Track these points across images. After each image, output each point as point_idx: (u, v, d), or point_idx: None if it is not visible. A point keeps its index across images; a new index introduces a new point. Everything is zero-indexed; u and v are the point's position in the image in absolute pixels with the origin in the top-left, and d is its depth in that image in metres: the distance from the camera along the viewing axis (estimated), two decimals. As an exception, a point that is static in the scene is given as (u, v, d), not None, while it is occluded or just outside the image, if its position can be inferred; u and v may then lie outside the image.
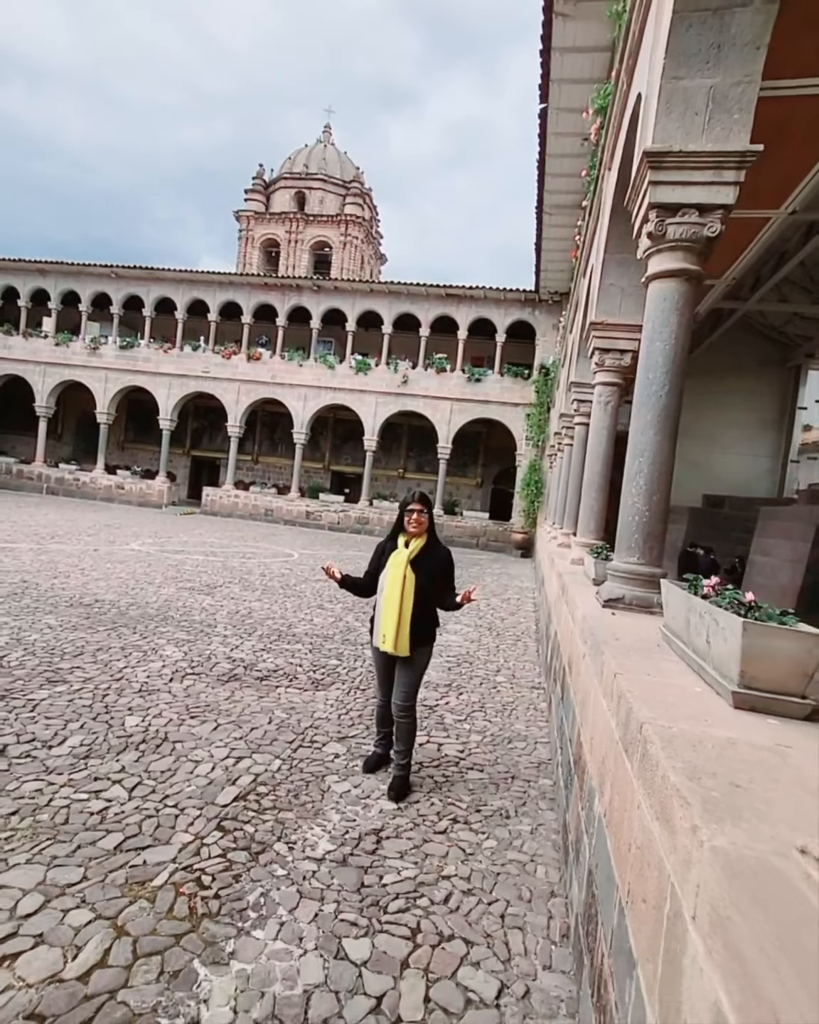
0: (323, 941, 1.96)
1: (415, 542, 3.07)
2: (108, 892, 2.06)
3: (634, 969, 1.22)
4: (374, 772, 3.19)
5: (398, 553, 3.05)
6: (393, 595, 2.97)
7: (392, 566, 3.03)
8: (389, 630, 2.97)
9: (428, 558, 3.07)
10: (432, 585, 3.04)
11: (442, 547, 3.18)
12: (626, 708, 1.64)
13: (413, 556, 3.02)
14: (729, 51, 2.76)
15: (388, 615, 2.98)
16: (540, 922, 2.17)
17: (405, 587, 2.96)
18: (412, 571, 2.99)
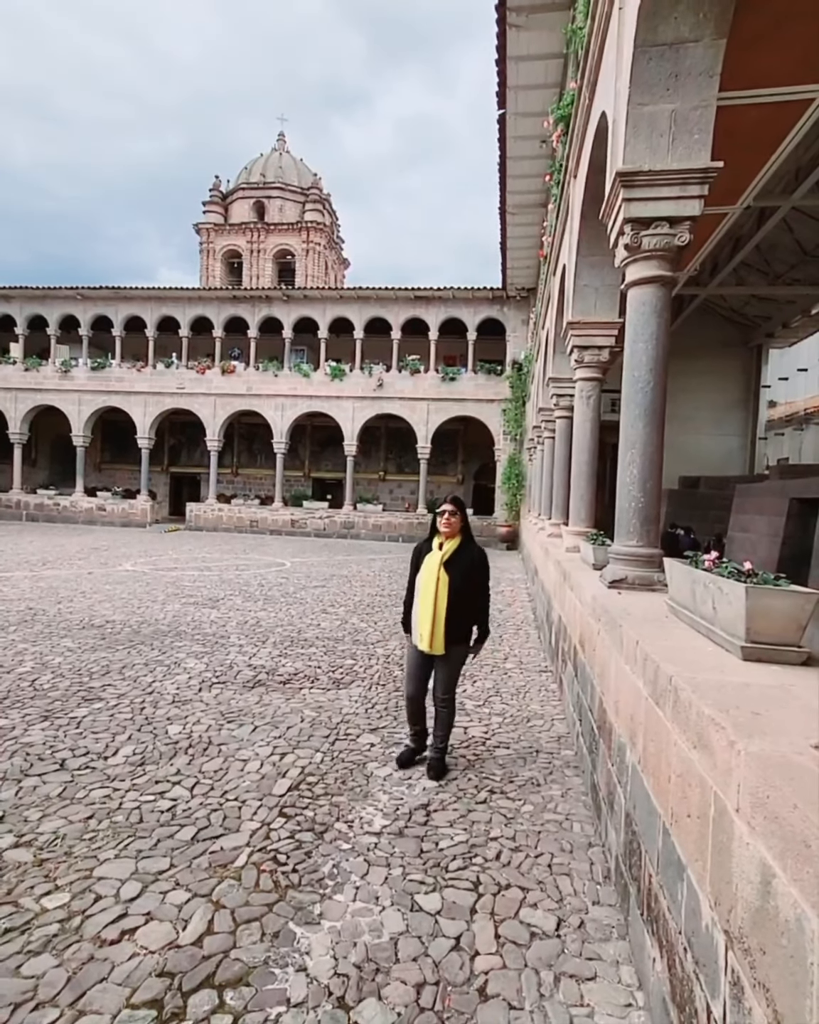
0: (397, 898, 2.20)
1: (449, 543, 3.19)
2: (197, 875, 2.27)
3: (684, 872, 1.48)
4: (408, 767, 3.30)
5: (432, 555, 3.18)
6: (427, 595, 3.09)
7: (427, 568, 3.16)
8: (425, 629, 3.10)
9: (462, 559, 3.18)
10: (468, 586, 3.16)
11: (476, 547, 3.28)
12: (653, 667, 1.92)
13: (447, 557, 3.14)
14: (686, 80, 3.07)
15: (424, 615, 3.10)
16: (583, 868, 2.44)
17: (439, 588, 3.08)
18: (445, 572, 3.10)
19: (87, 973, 1.77)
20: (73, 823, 2.58)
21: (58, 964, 1.80)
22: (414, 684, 3.29)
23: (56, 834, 2.49)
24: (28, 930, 1.94)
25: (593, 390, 5.79)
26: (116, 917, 2.02)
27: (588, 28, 4.44)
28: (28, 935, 1.92)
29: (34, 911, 2.03)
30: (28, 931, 1.93)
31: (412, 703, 3.33)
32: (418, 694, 3.30)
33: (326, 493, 22.06)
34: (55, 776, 3.00)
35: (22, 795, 2.79)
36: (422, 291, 18.55)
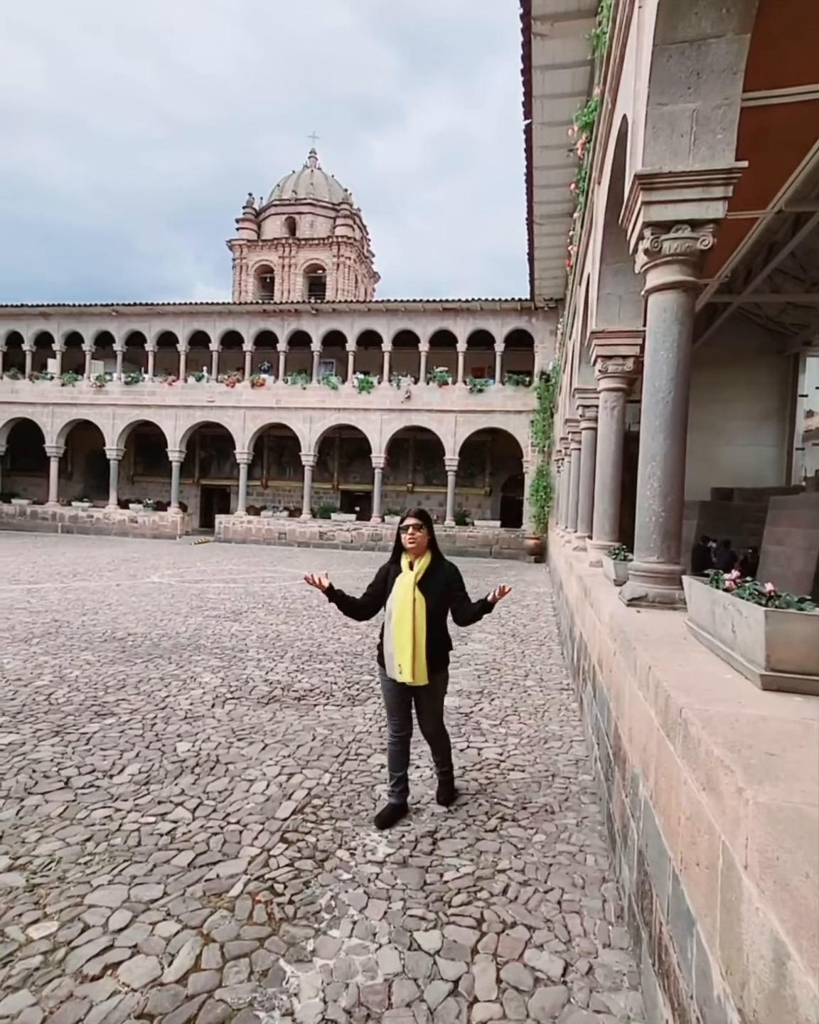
0: (395, 935, 2.08)
1: (420, 562, 2.89)
2: (189, 905, 2.20)
3: (693, 927, 1.35)
4: (390, 827, 2.80)
5: (404, 576, 2.85)
6: (404, 621, 2.77)
7: (399, 591, 2.83)
8: (405, 659, 2.77)
9: (435, 577, 2.89)
10: (444, 605, 2.92)
11: (447, 563, 3.00)
12: (664, 696, 1.78)
13: (419, 577, 2.84)
14: (708, 77, 2.95)
15: (402, 643, 2.78)
16: (595, 905, 2.28)
17: (416, 612, 2.77)
18: (421, 594, 2.81)
19: (63, 1014, 1.70)
20: (70, 845, 2.54)
21: (35, 1002, 1.74)
22: (399, 720, 2.95)
23: (51, 857, 2.45)
24: (10, 963, 1.88)
25: (617, 401, 5.63)
26: (101, 949, 1.95)
27: (610, 31, 4.37)
28: (9, 968, 1.86)
29: (19, 942, 1.97)
30: (10, 964, 1.88)
31: (398, 742, 2.97)
32: (405, 731, 2.97)
33: (354, 505, 22.12)
34: (58, 795, 2.97)
35: (23, 814, 2.77)
36: (450, 303, 18.57)
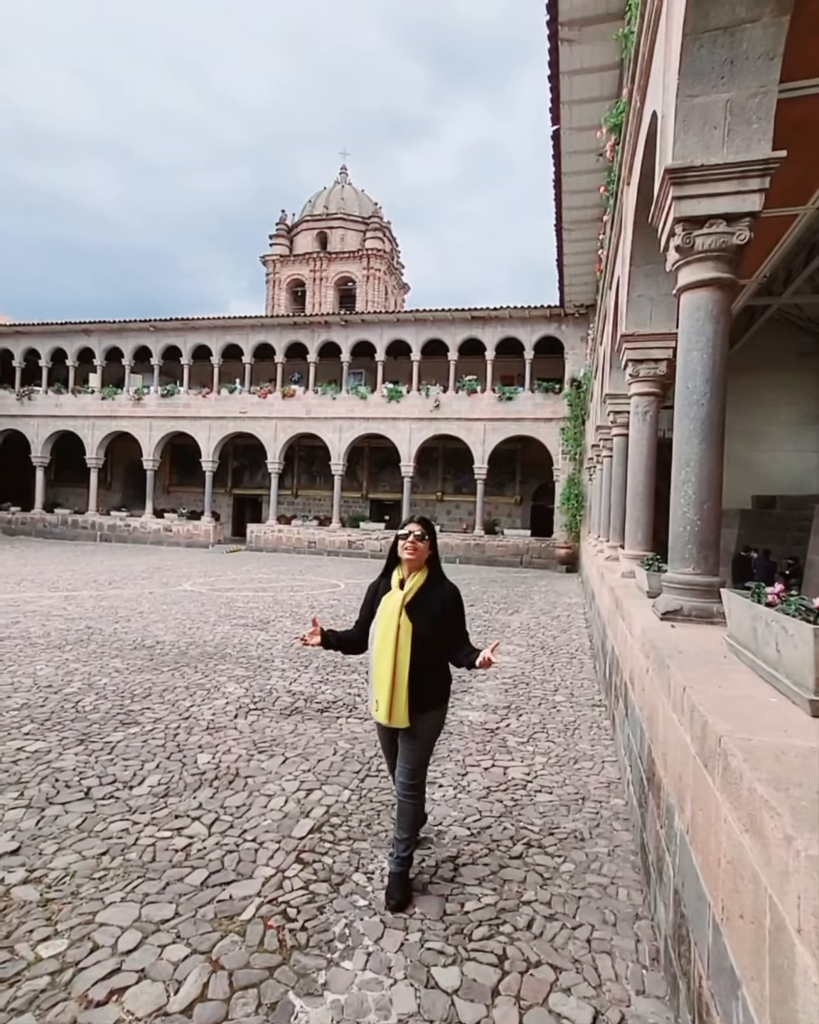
0: (412, 970, 1.97)
1: (413, 579, 2.43)
2: (200, 927, 2.12)
3: (738, 989, 1.20)
4: (403, 908, 2.28)
5: (391, 595, 2.41)
6: (385, 649, 2.34)
7: (383, 612, 2.40)
8: (381, 694, 2.34)
9: (428, 599, 2.41)
10: (436, 634, 2.39)
11: (447, 583, 2.52)
12: (701, 722, 1.64)
13: (409, 598, 2.39)
14: (743, 65, 2.82)
15: (380, 675, 2.35)
16: (628, 946, 2.12)
17: (399, 639, 2.33)
18: (407, 618, 2.35)
19: (65, 1039, 1.64)
20: (86, 859, 2.49)
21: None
22: (390, 760, 2.59)
23: (67, 871, 2.40)
24: (17, 982, 1.83)
25: (650, 406, 5.45)
26: (108, 972, 1.89)
27: (638, 27, 4.26)
28: (16, 988, 1.81)
29: (28, 960, 1.92)
30: (17, 984, 1.83)
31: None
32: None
33: (383, 514, 22.10)
34: (78, 806, 2.94)
35: (42, 825, 2.75)
36: (478, 311, 18.49)
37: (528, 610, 10.05)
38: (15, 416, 22.30)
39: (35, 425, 22.15)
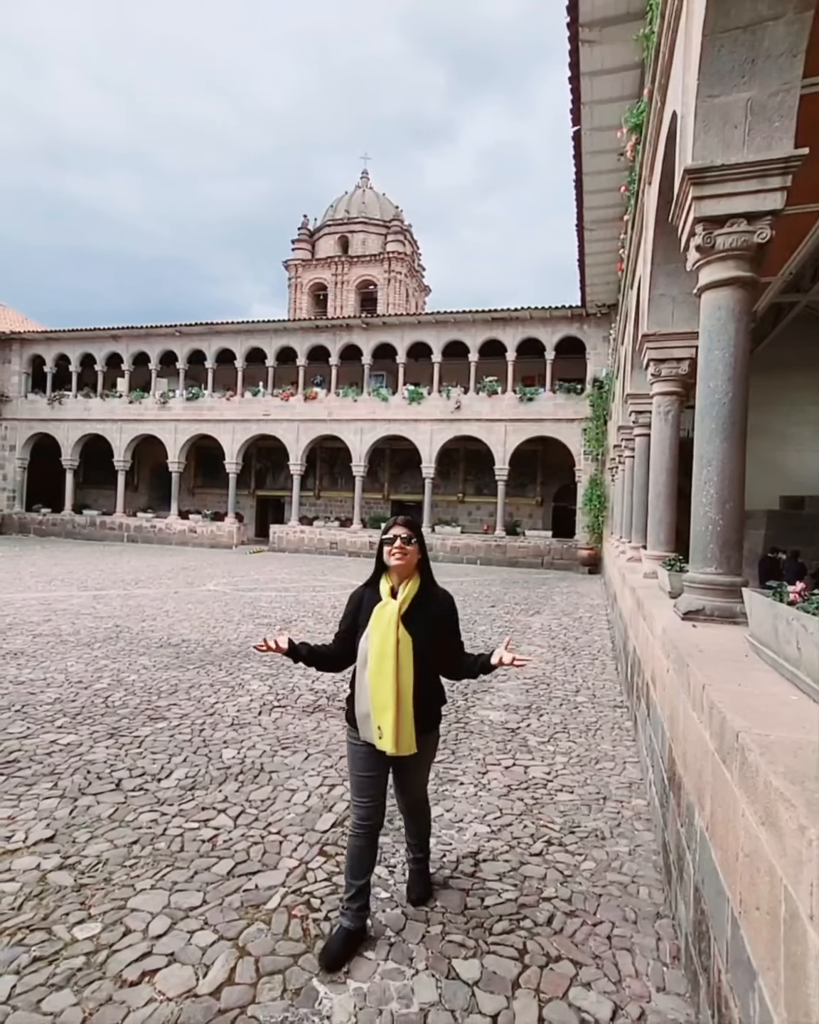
0: (433, 961, 2.00)
1: (406, 587, 2.16)
2: (227, 915, 2.19)
3: (755, 980, 1.22)
4: (337, 968, 1.94)
5: (383, 607, 2.12)
6: (384, 670, 2.06)
7: (377, 627, 2.10)
8: (386, 721, 2.05)
9: (426, 609, 2.17)
10: (434, 647, 2.17)
11: (440, 590, 2.28)
12: (719, 719, 1.65)
13: (405, 608, 2.12)
14: (764, 63, 2.81)
15: (382, 701, 2.06)
16: (648, 943, 2.13)
17: (400, 656, 2.06)
18: (406, 632, 2.08)
19: (102, 1016, 1.71)
20: (118, 847, 2.58)
21: (77, 1003, 1.76)
22: (370, 803, 2.14)
23: (99, 858, 2.49)
24: (56, 961, 1.92)
25: (672, 405, 5.42)
26: (140, 955, 1.96)
27: (658, 28, 4.25)
28: (54, 966, 1.89)
29: (64, 940, 2.01)
30: (55, 962, 1.91)
31: (364, 835, 2.13)
32: (375, 819, 2.15)
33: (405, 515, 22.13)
34: (109, 796, 3.04)
35: (76, 814, 2.85)
36: (499, 313, 18.47)
37: (549, 611, 10.01)
38: (46, 420, 22.87)
39: (65, 429, 22.69)
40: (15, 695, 4.55)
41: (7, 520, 22.96)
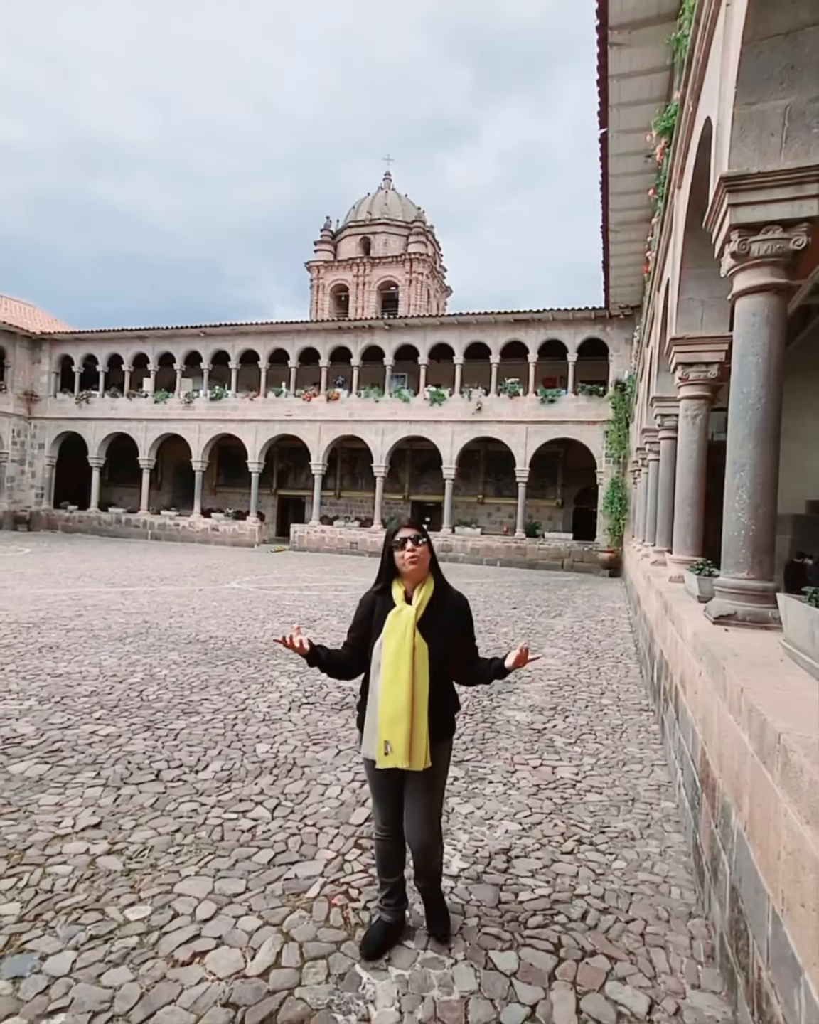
0: (471, 952, 2.06)
1: (421, 592, 2.07)
2: (270, 902, 2.27)
3: (801, 975, 1.26)
4: (378, 956, 2.01)
5: (398, 613, 2.03)
6: (399, 680, 1.96)
7: (392, 633, 2.01)
8: (398, 734, 1.94)
9: (441, 614, 2.08)
10: (449, 655, 2.09)
11: (453, 592, 2.18)
12: (759, 720, 1.68)
13: (421, 614, 2.03)
14: (804, 69, 2.82)
15: (396, 712, 1.95)
16: (682, 942, 2.17)
17: (416, 664, 1.97)
18: (422, 639, 2.00)
19: (158, 992, 1.80)
20: (161, 835, 2.68)
21: (133, 979, 1.85)
22: (388, 811, 2.12)
23: (145, 845, 2.59)
24: (111, 939, 2.01)
25: (699, 409, 5.41)
26: (190, 937, 2.05)
27: (692, 32, 4.26)
28: (110, 944, 1.99)
29: (118, 921, 2.10)
30: (111, 941, 2.01)
31: (388, 839, 2.14)
32: (397, 823, 2.12)
33: (425, 516, 22.22)
34: (150, 786, 3.15)
35: (119, 803, 2.95)
36: (521, 314, 18.44)
37: (571, 614, 10.00)
38: (74, 419, 23.34)
39: (92, 428, 23.14)
40: (54, 687, 4.70)
41: (35, 516, 23.48)
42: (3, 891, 2.21)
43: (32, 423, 23.77)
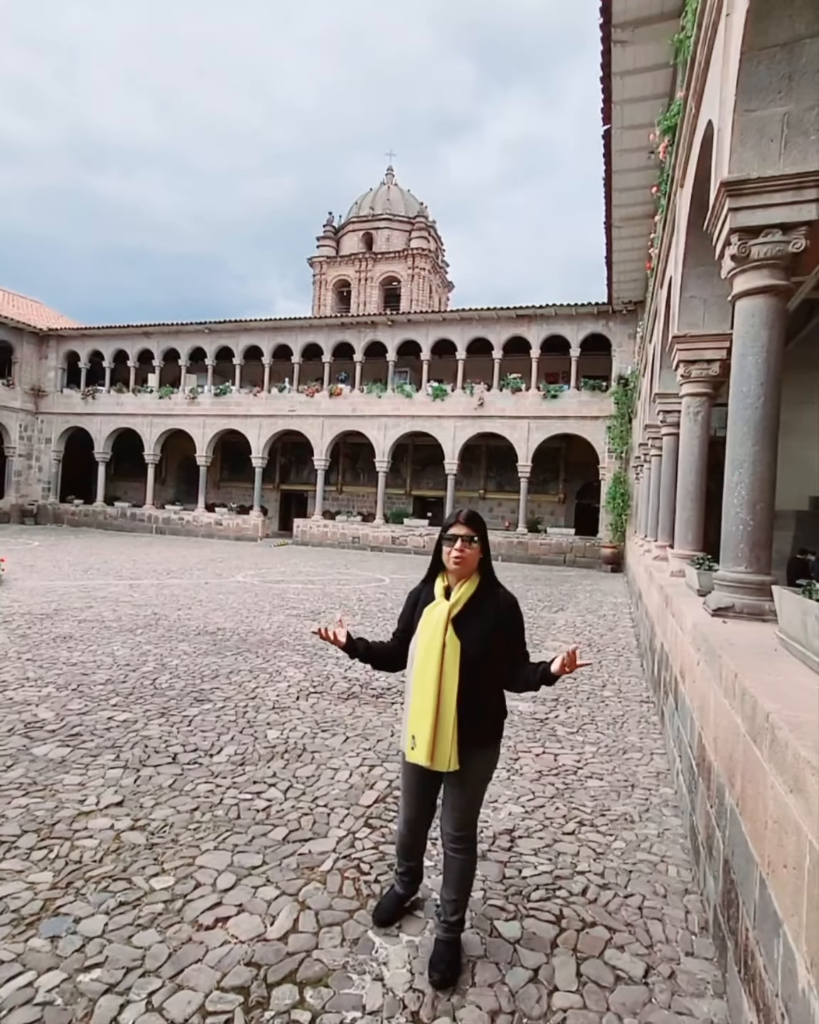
0: (477, 921, 2.19)
1: (461, 588, 2.01)
2: (286, 874, 2.39)
3: (780, 927, 1.37)
4: (389, 923, 2.12)
5: (434, 607, 2.00)
6: (427, 673, 1.93)
7: (425, 627, 1.99)
8: (421, 728, 1.92)
9: (480, 612, 2.00)
10: (487, 655, 1.98)
11: (502, 592, 2.08)
12: (751, 703, 1.79)
13: (456, 610, 1.98)
14: (801, 79, 2.91)
15: (421, 707, 1.93)
16: (677, 915, 2.29)
17: (444, 660, 1.93)
18: (455, 635, 1.96)
19: (185, 952, 1.93)
20: (180, 813, 2.81)
21: (162, 940, 1.98)
22: (415, 809, 2.12)
23: (165, 822, 2.72)
24: (139, 905, 2.14)
25: (701, 406, 5.50)
26: (212, 904, 2.17)
27: (694, 36, 4.33)
28: (138, 910, 2.12)
29: (144, 889, 2.23)
30: (138, 907, 2.14)
31: (409, 833, 2.16)
32: (420, 819, 2.13)
33: (426, 511, 22.35)
34: (167, 768, 3.28)
35: (140, 783, 3.08)
36: (524, 309, 18.49)
37: (573, 608, 10.11)
38: (80, 414, 23.48)
39: (98, 423, 23.27)
40: (70, 675, 4.83)
41: (42, 510, 23.65)
42: (35, 861, 2.35)
43: (39, 418, 23.91)
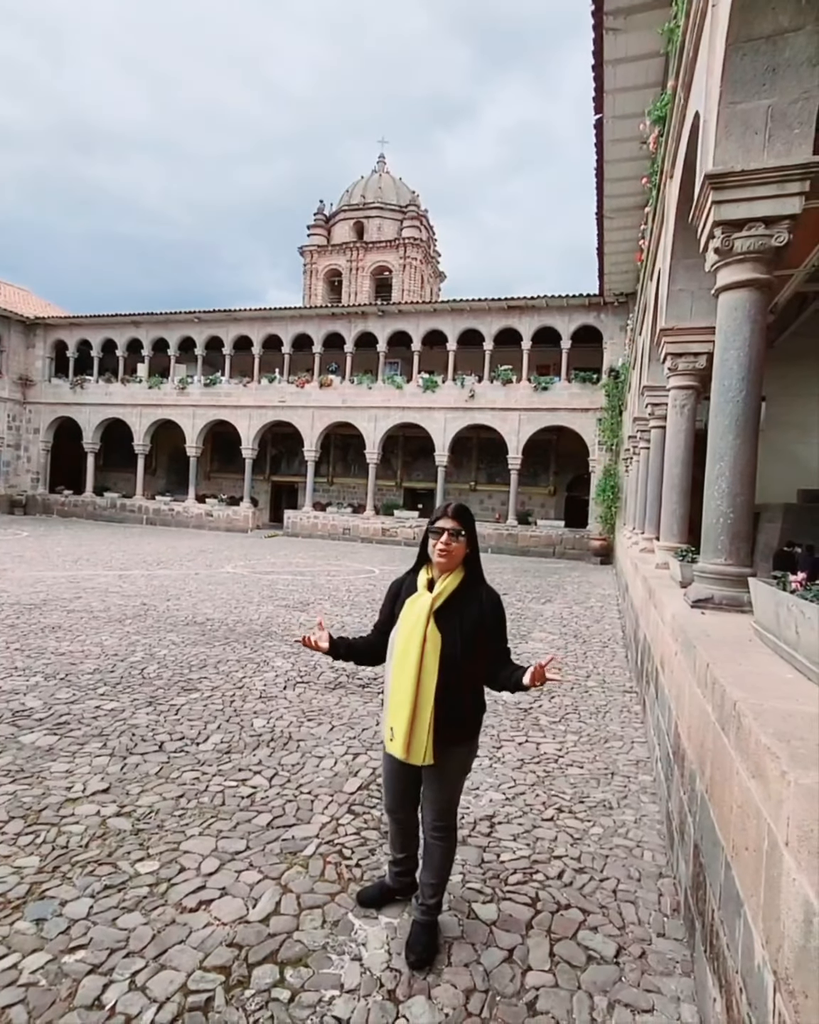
0: (455, 904, 2.24)
1: (445, 581, 1.98)
2: (269, 859, 2.43)
3: (741, 907, 1.42)
4: (376, 905, 2.17)
5: (416, 599, 1.98)
6: (406, 665, 1.92)
7: (406, 619, 1.97)
8: (399, 722, 1.92)
9: (463, 607, 1.98)
10: (468, 651, 1.95)
11: (486, 588, 2.06)
12: (720, 691, 1.84)
13: (439, 604, 1.95)
14: (785, 72, 2.92)
15: (398, 700, 1.93)
16: (651, 898, 2.35)
17: (425, 653, 1.90)
18: (435, 629, 1.93)
19: (169, 934, 1.97)
20: (166, 800, 2.84)
21: (146, 922, 2.02)
22: (396, 797, 2.12)
23: (151, 808, 2.75)
24: (123, 889, 2.18)
25: (688, 399, 5.54)
26: (196, 888, 2.21)
27: (683, 26, 4.32)
28: (123, 893, 2.15)
29: (129, 874, 2.27)
30: (123, 890, 2.17)
31: (393, 822, 2.17)
32: (402, 808, 2.12)
33: (417, 503, 22.36)
34: (154, 756, 3.31)
35: (126, 771, 3.11)
36: (515, 301, 18.45)
37: (561, 600, 10.20)
38: (69, 404, 23.24)
39: (87, 413, 23.05)
40: (58, 665, 4.84)
41: (31, 501, 23.47)
42: (22, 846, 2.38)
43: (27, 408, 23.66)
